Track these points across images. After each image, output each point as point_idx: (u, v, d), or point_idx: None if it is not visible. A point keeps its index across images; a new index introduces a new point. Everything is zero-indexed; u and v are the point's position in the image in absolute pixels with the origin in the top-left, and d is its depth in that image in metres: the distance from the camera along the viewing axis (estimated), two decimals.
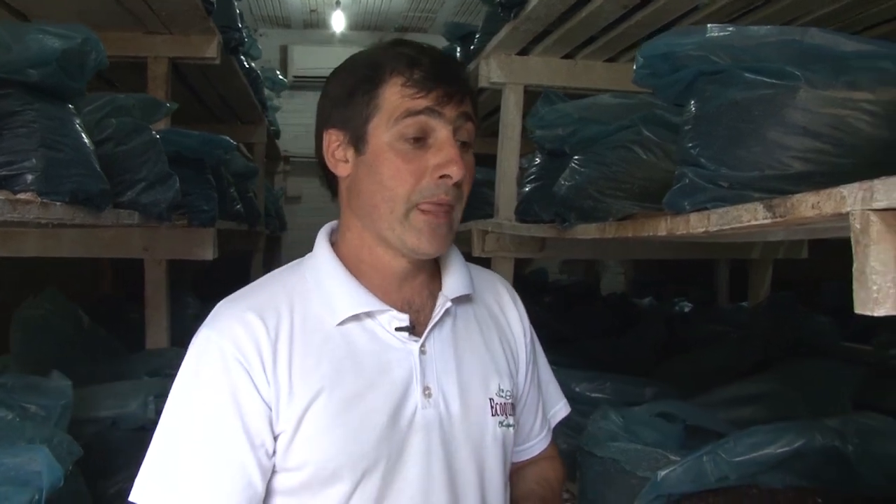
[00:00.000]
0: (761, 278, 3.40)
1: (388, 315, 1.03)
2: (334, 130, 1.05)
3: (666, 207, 1.32)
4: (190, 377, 0.98)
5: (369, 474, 0.98)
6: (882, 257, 0.83)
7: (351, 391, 0.99)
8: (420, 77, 1.00)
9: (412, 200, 0.99)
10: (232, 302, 1.04)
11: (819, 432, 1.36)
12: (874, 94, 1.06)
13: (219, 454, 0.95)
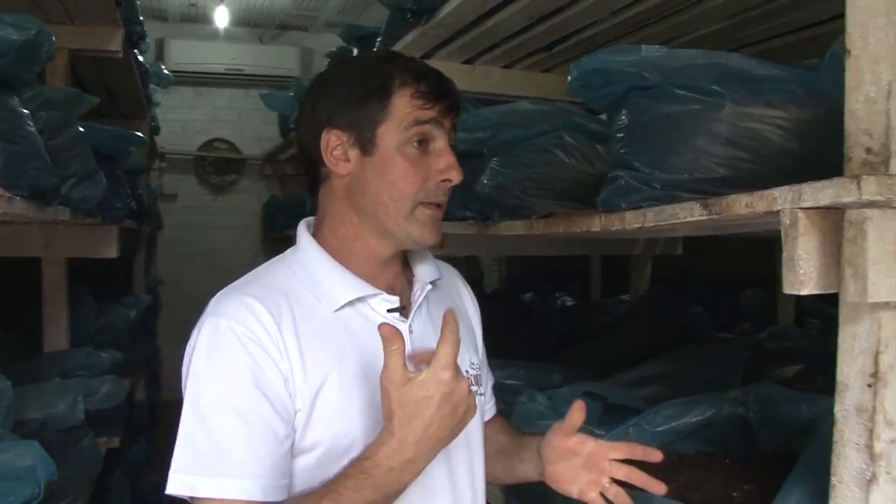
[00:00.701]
0: (642, 273, 3.68)
1: (380, 298, 1.15)
2: (337, 131, 1.14)
3: (601, 206, 1.47)
4: (205, 363, 1.05)
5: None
6: (807, 247, 1.00)
7: (356, 371, 1.10)
8: (427, 90, 1.13)
9: (417, 199, 1.12)
10: (232, 292, 1.12)
11: (726, 403, 1.57)
12: (785, 112, 1.25)
13: (250, 427, 1.01)
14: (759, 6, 2.34)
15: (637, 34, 2.66)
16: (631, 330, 2.80)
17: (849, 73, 1.00)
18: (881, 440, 0.98)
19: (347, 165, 1.15)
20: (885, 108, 0.96)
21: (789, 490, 1.15)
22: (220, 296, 1.12)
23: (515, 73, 3.17)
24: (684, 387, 1.85)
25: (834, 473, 1.03)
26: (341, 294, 1.13)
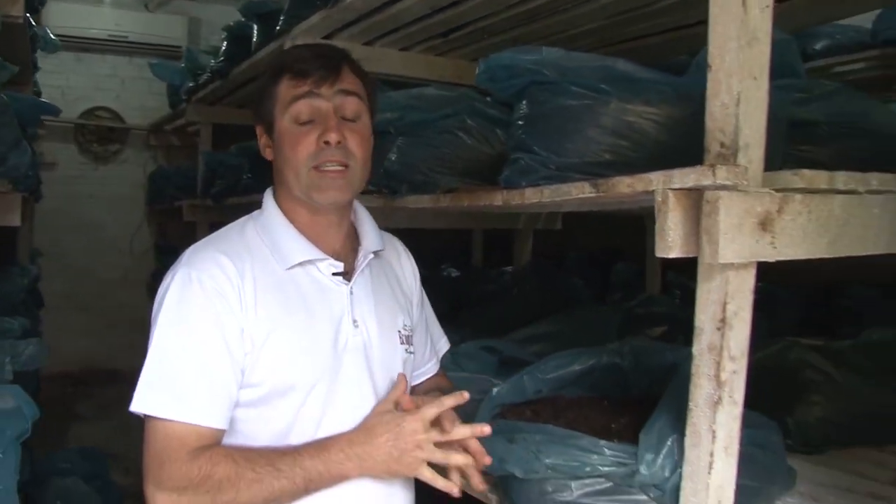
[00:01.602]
0: (524, 246, 3.96)
1: (327, 263, 1.34)
2: (260, 126, 1.37)
3: (504, 184, 1.70)
4: (175, 306, 1.22)
5: (316, 386, 1.28)
6: (674, 220, 1.26)
7: (302, 322, 1.29)
8: (300, 68, 1.31)
9: (308, 165, 1.29)
10: (203, 246, 1.31)
11: (605, 354, 1.83)
12: (659, 109, 1.52)
13: (206, 366, 1.20)
14: (635, 9, 2.62)
15: (527, 27, 2.90)
16: (517, 298, 3.08)
17: (709, 83, 1.27)
18: (726, 371, 1.26)
19: (270, 151, 1.37)
20: (735, 113, 1.23)
21: (657, 417, 1.42)
22: (194, 248, 1.31)
23: (412, 56, 3.34)
24: (567, 344, 2.09)
25: (691, 399, 1.30)
26: (293, 255, 1.32)
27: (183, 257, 1.30)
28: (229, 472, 1.17)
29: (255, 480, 1.18)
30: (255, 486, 1.18)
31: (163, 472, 1.17)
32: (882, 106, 2.04)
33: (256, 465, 1.19)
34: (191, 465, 1.17)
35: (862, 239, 1.41)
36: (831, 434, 1.95)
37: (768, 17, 1.25)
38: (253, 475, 1.18)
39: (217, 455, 1.19)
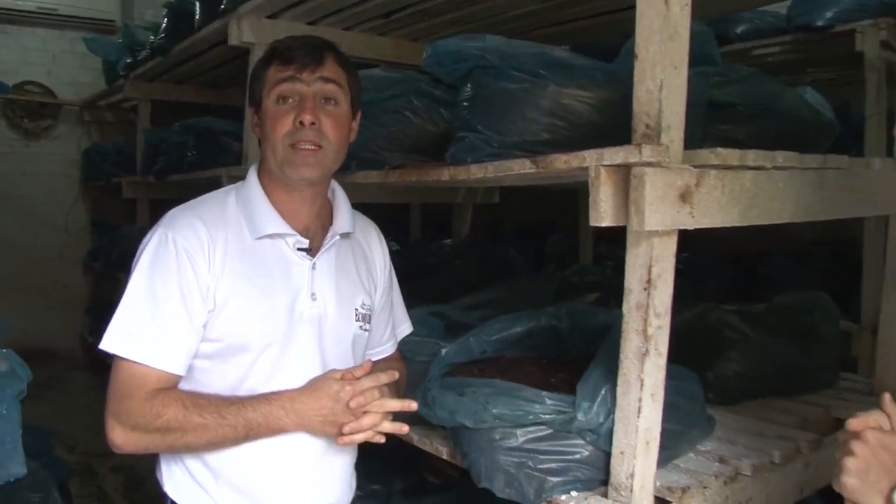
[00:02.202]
0: (463, 219, 4.10)
1: (294, 238, 1.47)
2: (251, 108, 1.51)
3: (450, 160, 1.83)
4: (149, 261, 1.37)
5: (269, 348, 1.42)
6: (605, 193, 1.41)
7: (262, 288, 1.43)
8: (286, 56, 1.45)
9: (285, 142, 1.42)
10: (185, 210, 1.44)
11: (543, 316, 1.99)
12: (592, 93, 1.67)
13: (170, 317, 1.35)
14: None
15: (466, 9, 3.03)
16: (459, 268, 3.23)
17: (636, 71, 1.42)
18: (652, 326, 1.43)
19: (259, 130, 1.50)
20: (659, 98, 1.39)
21: (592, 370, 1.58)
22: (177, 211, 1.44)
23: (355, 36, 3.43)
24: (508, 310, 2.23)
25: (622, 352, 1.47)
26: (264, 227, 1.44)
27: (164, 218, 1.43)
28: (178, 415, 1.32)
29: (200, 425, 1.33)
30: (201, 430, 1.33)
31: (121, 407, 1.33)
32: (790, 89, 2.23)
33: (204, 411, 1.34)
34: (145, 405, 1.32)
35: (769, 210, 1.59)
36: (746, 387, 2.16)
37: (687, 14, 1.41)
38: (199, 420, 1.33)
39: (169, 398, 1.33)
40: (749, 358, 2.16)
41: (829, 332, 2.35)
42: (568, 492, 1.53)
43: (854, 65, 3.52)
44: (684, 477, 1.61)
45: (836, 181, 1.77)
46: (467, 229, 4.18)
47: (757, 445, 1.79)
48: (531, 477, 1.54)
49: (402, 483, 2.78)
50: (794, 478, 1.76)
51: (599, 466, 1.54)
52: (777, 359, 2.21)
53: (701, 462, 1.69)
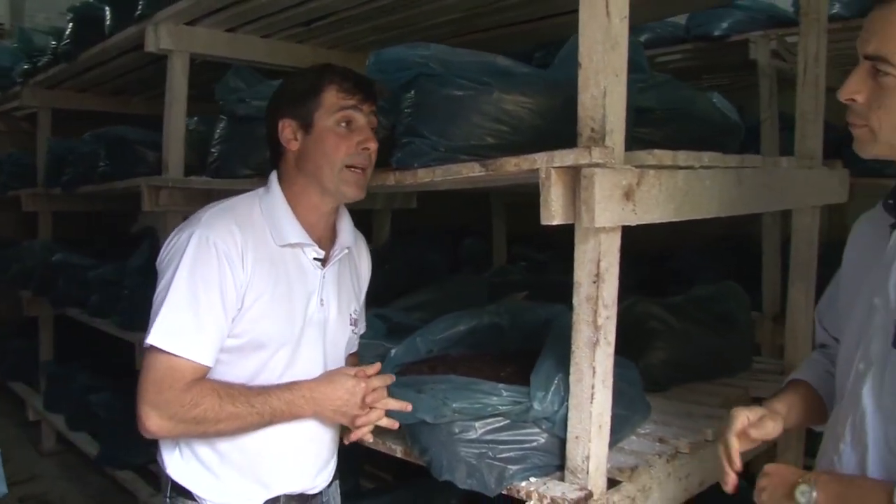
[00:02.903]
0: (382, 224, 4.15)
1: (312, 248, 1.62)
2: (287, 119, 1.59)
3: (396, 165, 1.88)
4: (189, 262, 1.47)
5: (284, 347, 1.57)
6: (556, 193, 1.50)
7: (283, 292, 1.56)
8: (349, 86, 1.60)
9: (344, 163, 1.58)
10: (221, 212, 1.56)
11: (486, 314, 2.07)
12: (533, 99, 1.76)
13: (209, 315, 1.47)
14: (487, 4, 2.87)
15: (386, 17, 3.09)
16: (387, 272, 3.27)
17: (580, 79, 1.52)
18: (602, 317, 1.52)
19: (295, 143, 1.61)
20: (603, 104, 1.49)
21: (543, 362, 1.66)
22: (213, 214, 1.54)
23: (275, 43, 3.43)
24: (444, 311, 2.30)
25: (574, 342, 1.56)
26: (289, 236, 1.58)
27: (201, 219, 1.54)
28: (214, 405, 1.45)
29: (233, 414, 1.47)
30: (233, 418, 1.48)
31: (160, 398, 1.44)
32: (702, 94, 2.39)
33: (236, 400, 1.48)
34: (184, 395, 1.44)
35: (698, 205, 1.72)
36: (672, 373, 2.30)
37: (626, 27, 1.51)
38: (232, 409, 1.47)
39: (205, 389, 1.46)
40: (674, 346, 2.30)
41: (743, 319, 2.53)
42: (527, 478, 1.61)
43: (747, 71, 3.79)
44: (631, 458, 1.72)
45: (753, 178, 1.92)
46: (387, 234, 4.24)
47: (690, 425, 1.92)
48: (492, 467, 1.61)
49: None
50: None
51: (555, 452, 1.63)
52: (698, 346, 2.36)
53: (644, 443, 1.81)
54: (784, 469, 1.28)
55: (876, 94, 1.16)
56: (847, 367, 1.30)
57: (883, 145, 1.18)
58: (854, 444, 1.24)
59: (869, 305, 1.25)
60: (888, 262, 1.22)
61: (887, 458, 1.18)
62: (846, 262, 1.44)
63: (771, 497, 1.26)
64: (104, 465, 3.90)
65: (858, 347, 1.26)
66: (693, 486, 1.80)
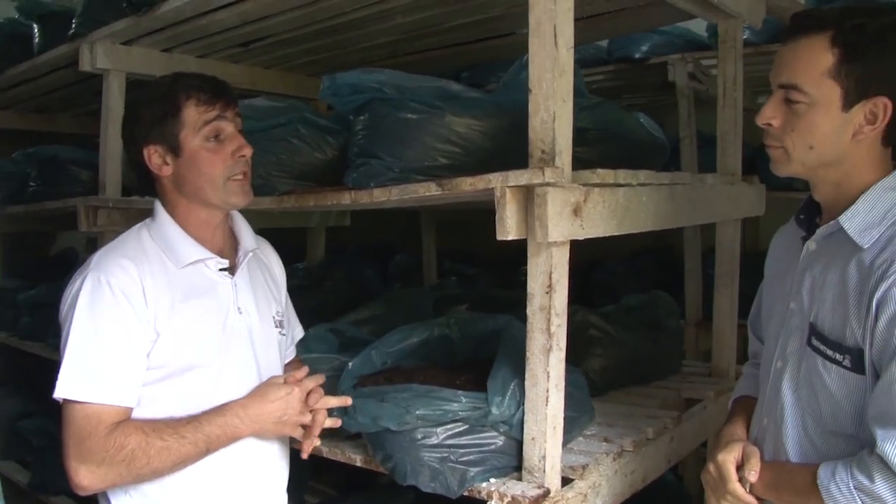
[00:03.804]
0: (317, 242, 4.20)
1: (215, 261, 1.59)
2: (153, 146, 1.54)
3: (352, 185, 1.96)
4: (87, 306, 1.42)
5: (211, 366, 1.54)
6: (510, 210, 1.60)
7: (196, 311, 1.53)
8: (207, 97, 1.55)
9: (225, 176, 1.55)
10: (107, 252, 1.52)
11: (436, 326, 2.16)
12: (483, 122, 1.87)
13: (116, 355, 1.42)
14: (425, 28, 2.98)
15: (325, 39, 3.16)
16: (329, 289, 3.33)
17: (531, 104, 1.63)
18: (554, 325, 1.63)
19: (168, 168, 1.56)
20: (552, 127, 1.61)
21: (498, 368, 1.76)
22: (101, 255, 1.50)
23: (209, 64, 3.44)
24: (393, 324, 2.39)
25: (528, 349, 1.66)
26: (187, 256, 1.55)
27: (91, 262, 1.49)
28: (140, 442, 1.39)
29: (163, 448, 1.41)
30: (164, 452, 1.41)
31: (83, 448, 1.38)
32: (631, 115, 2.55)
33: (164, 434, 1.42)
34: (107, 440, 1.38)
35: (637, 220, 1.86)
36: (610, 379, 2.44)
37: (572, 56, 1.64)
38: (161, 443, 1.41)
39: (129, 428, 1.40)
40: (612, 352, 2.44)
41: (673, 326, 2.70)
42: (487, 479, 1.71)
43: (665, 92, 4.00)
44: (581, 457, 1.83)
45: (683, 194, 2.08)
46: (322, 251, 4.28)
47: (632, 425, 2.05)
48: (454, 470, 1.70)
49: None
50: (664, 450, 2.05)
51: (513, 454, 1.73)
52: (633, 352, 2.51)
53: (591, 444, 1.92)
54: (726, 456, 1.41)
55: (789, 118, 1.31)
56: (768, 364, 1.45)
57: (796, 164, 1.33)
58: (776, 433, 1.39)
59: (786, 309, 1.41)
60: (802, 270, 1.39)
61: (805, 444, 1.34)
62: (767, 271, 1.60)
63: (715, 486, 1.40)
64: (37, 493, 3.80)
65: (777, 347, 1.42)
66: (637, 481, 1.93)
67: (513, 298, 3.18)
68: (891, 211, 1.26)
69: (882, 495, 1.15)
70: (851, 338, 1.24)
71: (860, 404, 1.25)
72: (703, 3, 2.30)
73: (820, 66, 1.25)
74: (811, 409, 1.33)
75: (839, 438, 1.29)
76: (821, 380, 1.30)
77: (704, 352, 3.51)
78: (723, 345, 2.56)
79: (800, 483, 1.28)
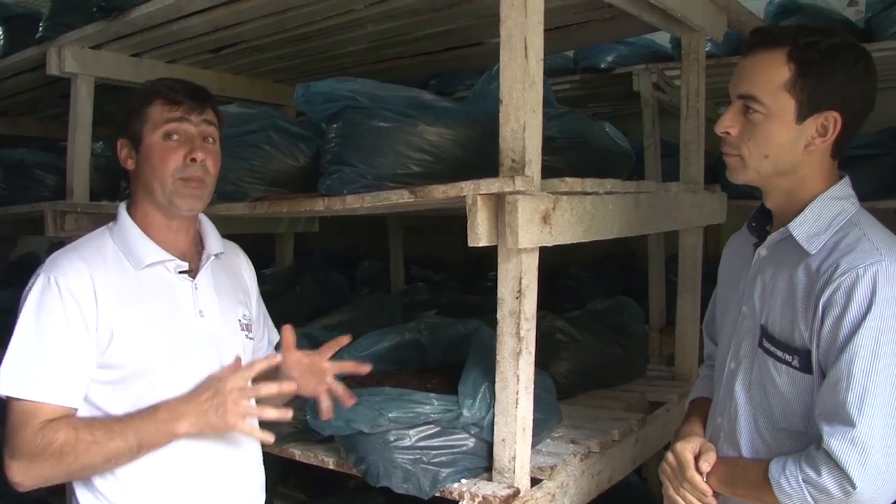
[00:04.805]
0: (286, 248, 4.20)
1: (174, 263, 1.60)
2: (123, 139, 1.60)
3: (325, 192, 1.99)
4: (34, 305, 1.45)
5: (169, 368, 1.54)
6: (482, 217, 1.65)
7: (153, 313, 1.54)
8: (174, 97, 1.58)
9: (174, 176, 1.56)
10: (66, 252, 1.53)
11: (406, 331, 2.20)
12: (454, 131, 1.92)
13: (57, 354, 1.44)
14: (393, 37, 3.02)
15: (295, 46, 3.18)
16: (299, 294, 3.35)
17: (501, 114, 1.68)
18: (524, 329, 1.68)
19: (132, 161, 1.60)
20: (522, 137, 1.66)
21: (469, 372, 1.80)
22: (58, 254, 1.52)
23: (178, 69, 3.44)
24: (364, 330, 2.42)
25: (499, 353, 1.71)
26: (145, 257, 1.56)
27: (46, 262, 1.51)
28: (69, 438, 1.40)
29: (92, 442, 1.41)
30: (93, 447, 1.41)
31: (14, 441, 1.41)
32: (598, 124, 2.62)
33: (93, 429, 1.42)
34: (37, 434, 1.39)
35: (603, 227, 1.92)
36: (577, 382, 2.49)
37: (542, 67, 1.69)
38: (90, 438, 1.41)
39: (60, 424, 1.41)
40: (578, 357, 2.50)
41: (637, 330, 2.76)
42: (459, 480, 1.75)
43: (630, 101, 4.09)
44: (549, 458, 1.88)
45: (648, 202, 2.14)
46: (291, 257, 4.29)
47: (598, 427, 2.11)
48: (426, 471, 1.73)
49: None
50: (629, 452, 2.10)
51: (483, 455, 1.77)
52: (599, 356, 2.57)
53: (559, 445, 1.97)
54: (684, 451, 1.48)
55: (746, 128, 1.37)
56: (722, 366, 1.53)
57: (752, 172, 1.40)
58: (730, 431, 1.47)
59: (739, 313, 1.49)
60: (753, 276, 1.46)
61: (757, 441, 1.42)
62: (720, 277, 1.67)
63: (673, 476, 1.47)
64: None
65: (731, 349, 1.49)
66: (604, 482, 1.98)
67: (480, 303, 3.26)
68: (836, 219, 1.34)
69: (828, 487, 1.22)
70: (800, 339, 1.32)
71: (808, 402, 1.32)
72: (668, 17, 2.37)
73: (777, 80, 1.32)
74: (762, 408, 1.40)
75: (789, 435, 1.36)
76: (771, 380, 1.37)
77: (668, 356, 3.59)
78: (686, 349, 2.63)
79: (752, 477, 1.35)
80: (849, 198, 1.38)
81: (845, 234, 1.32)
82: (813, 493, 1.24)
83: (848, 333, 1.24)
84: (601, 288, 4.10)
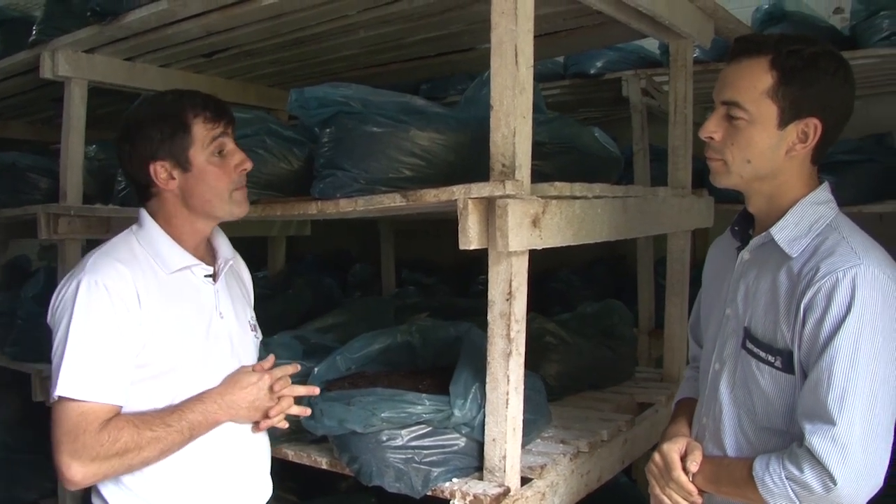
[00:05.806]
0: (278, 251, 4.23)
1: (200, 267, 1.68)
2: (160, 162, 1.62)
3: (318, 195, 2.02)
4: (85, 305, 1.50)
5: (193, 367, 1.63)
6: (472, 221, 1.68)
7: (181, 314, 1.62)
8: (212, 115, 1.65)
9: (231, 188, 1.66)
10: (101, 256, 1.58)
11: (398, 333, 2.22)
12: (446, 136, 1.94)
13: (112, 356, 1.51)
14: (385, 42, 3.05)
15: (288, 51, 3.21)
16: (290, 297, 3.37)
17: (492, 120, 1.71)
18: (514, 331, 1.71)
19: (174, 182, 1.64)
20: (513, 142, 1.69)
21: (460, 373, 1.83)
22: (96, 258, 1.57)
23: (171, 73, 3.46)
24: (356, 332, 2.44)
25: (489, 354, 1.73)
26: (175, 262, 1.64)
27: (86, 265, 1.56)
28: (133, 435, 1.49)
29: (153, 438, 1.51)
30: (154, 442, 1.51)
31: (77, 444, 1.45)
32: (587, 129, 2.65)
33: (152, 425, 1.52)
34: (101, 435, 1.46)
35: (592, 231, 1.95)
36: (566, 384, 2.52)
37: (531, 74, 1.72)
38: (151, 434, 1.51)
39: (120, 422, 1.49)
40: (567, 358, 2.53)
41: (626, 333, 2.80)
42: (450, 479, 1.78)
43: (619, 106, 4.13)
44: (539, 458, 1.91)
45: (636, 206, 2.18)
46: (283, 260, 4.32)
47: (587, 428, 2.14)
48: (418, 470, 1.76)
49: None
50: (618, 452, 2.14)
51: (474, 455, 1.80)
52: (588, 358, 2.60)
53: (548, 445, 2.00)
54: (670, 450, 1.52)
55: (730, 133, 1.41)
56: (707, 367, 1.56)
57: (734, 176, 1.44)
58: (715, 430, 1.50)
59: (723, 315, 1.52)
60: (737, 279, 1.50)
61: (741, 440, 1.46)
62: (705, 279, 1.71)
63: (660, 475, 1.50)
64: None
65: (715, 350, 1.53)
66: (593, 481, 2.02)
67: (471, 306, 3.29)
68: (816, 223, 1.38)
69: (810, 483, 1.26)
70: (782, 340, 1.36)
71: (790, 402, 1.36)
72: (656, 24, 2.41)
73: (760, 87, 1.36)
74: (746, 408, 1.44)
75: (772, 434, 1.40)
76: (755, 380, 1.41)
77: (657, 358, 3.63)
78: (674, 351, 2.66)
79: (737, 475, 1.39)
80: (828, 202, 1.42)
81: (825, 238, 1.36)
82: (795, 490, 1.28)
83: (828, 335, 1.28)
84: (590, 291, 4.14)
